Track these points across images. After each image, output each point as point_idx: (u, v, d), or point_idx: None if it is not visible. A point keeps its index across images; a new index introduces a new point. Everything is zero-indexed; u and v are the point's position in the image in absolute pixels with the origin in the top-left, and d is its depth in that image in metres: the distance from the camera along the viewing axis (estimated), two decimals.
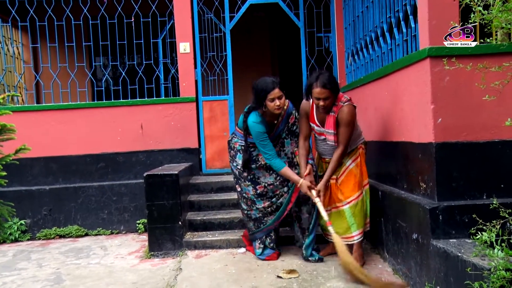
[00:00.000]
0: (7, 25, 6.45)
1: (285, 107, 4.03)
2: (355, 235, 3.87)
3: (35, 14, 6.01)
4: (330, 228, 3.72)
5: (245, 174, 4.16)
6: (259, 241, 4.26)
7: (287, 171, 3.95)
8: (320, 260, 4.07)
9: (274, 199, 4.14)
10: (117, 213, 5.76)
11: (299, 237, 4.25)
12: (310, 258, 4.08)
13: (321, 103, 3.70)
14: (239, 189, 4.29)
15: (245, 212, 4.30)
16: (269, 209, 4.16)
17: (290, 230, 4.58)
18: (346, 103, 3.75)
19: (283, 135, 4.12)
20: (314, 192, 3.83)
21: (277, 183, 4.11)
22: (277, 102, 3.82)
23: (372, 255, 4.19)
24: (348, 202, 3.84)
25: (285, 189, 4.11)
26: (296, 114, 4.12)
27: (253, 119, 3.95)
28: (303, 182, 3.88)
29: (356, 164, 3.88)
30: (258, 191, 4.16)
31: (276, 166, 3.96)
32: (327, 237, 4.09)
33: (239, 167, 4.18)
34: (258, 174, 4.15)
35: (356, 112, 3.86)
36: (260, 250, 4.25)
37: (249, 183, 4.17)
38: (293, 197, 4.09)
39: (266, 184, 4.13)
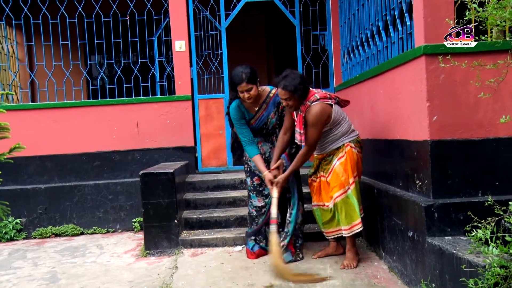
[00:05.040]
0: (1, 23, 6.44)
1: (272, 94, 4.12)
2: (341, 229, 3.83)
3: (29, 12, 5.98)
4: (272, 227, 3.76)
5: (246, 166, 4.30)
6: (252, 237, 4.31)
7: (257, 159, 4.05)
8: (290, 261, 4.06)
9: (267, 200, 4.16)
10: (113, 212, 5.75)
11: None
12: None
13: (284, 103, 3.76)
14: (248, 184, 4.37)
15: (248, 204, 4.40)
16: (263, 210, 4.22)
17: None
18: (315, 103, 3.67)
19: (272, 125, 4.16)
20: (274, 189, 3.88)
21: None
22: (246, 95, 3.93)
23: (368, 252, 4.20)
24: (332, 201, 3.83)
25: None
26: None
27: (232, 105, 4.13)
28: (266, 174, 3.95)
29: (340, 162, 3.80)
30: (255, 183, 4.23)
31: (249, 152, 4.10)
32: (327, 235, 4.06)
33: (244, 159, 4.32)
34: (255, 167, 4.19)
35: (337, 109, 3.79)
36: (251, 244, 4.28)
37: (248, 174, 4.29)
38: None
39: (262, 177, 4.14)
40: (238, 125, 4.12)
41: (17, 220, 5.64)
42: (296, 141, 3.86)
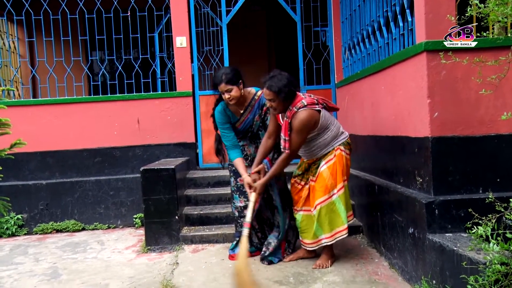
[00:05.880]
0: (3, 19, 6.43)
1: (257, 97, 4.05)
2: (322, 239, 3.72)
3: (30, 8, 5.98)
4: (245, 230, 3.59)
5: (230, 166, 4.23)
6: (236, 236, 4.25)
7: (238, 163, 3.98)
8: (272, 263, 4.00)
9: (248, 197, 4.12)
10: (114, 208, 5.75)
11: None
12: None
13: (268, 104, 3.67)
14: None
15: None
16: (244, 211, 4.08)
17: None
18: (302, 109, 3.55)
19: (257, 127, 4.11)
20: (252, 194, 3.75)
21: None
22: (226, 96, 3.87)
23: (369, 249, 4.20)
24: (315, 207, 3.71)
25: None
26: None
27: (217, 109, 4.08)
28: (245, 177, 3.86)
29: (328, 166, 3.68)
30: (239, 184, 4.17)
31: (230, 156, 4.06)
32: (306, 245, 3.88)
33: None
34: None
35: (325, 114, 3.67)
36: (233, 245, 4.23)
37: (232, 174, 4.22)
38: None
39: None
40: (222, 129, 4.07)
41: (19, 216, 5.65)
42: (281, 148, 3.72)
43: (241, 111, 4.05)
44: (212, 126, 5.88)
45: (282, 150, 3.72)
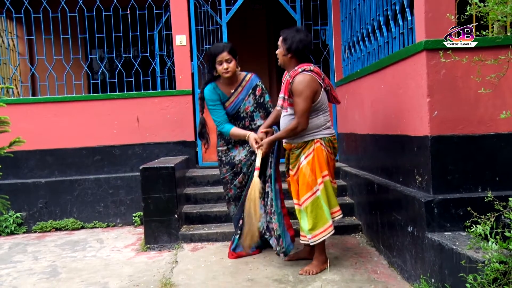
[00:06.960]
0: (2, 16, 6.43)
1: (247, 78, 4.11)
2: (310, 238, 3.60)
3: (30, 5, 5.97)
4: (255, 172, 3.71)
5: (224, 158, 4.21)
6: (237, 233, 4.22)
7: (235, 130, 4.01)
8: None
9: (245, 170, 4.12)
10: (113, 206, 5.75)
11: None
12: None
13: (277, 51, 3.71)
14: (221, 177, 4.27)
15: (227, 197, 4.29)
16: (243, 182, 4.13)
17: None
18: (304, 72, 3.46)
19: (251, 109, 4.10)
20: (259, 150, 3.78)
21: (249, 154, 4.09)
22: (225, 65, 3.92)
23: (368, 248, 4.20)
24: (300, 204, 3.63)
25: (253, 157, 4.05)
26: (263, 86, 4.15)
27: (207, 87, 4.11)
28: (251, 135, 3.86)
29: (307, 161, 3.55)
30: (234, 170, 4.16)
31: (225, 130, 4.06)
32: (302, 239, 3.73)
33: (219, 149, 4.26)
34: (234, 153, 4.15)
35: (324, 96, 3.59)
36: (234, 245, 4.20)
37: (228, 166, 4.18)
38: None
39: (240, 161, 4.12)
40: (213, 106, 4.08)
41: (18, 214, 5.65)
42: (279, 105, 3.65)
43: (232, 91, 4.09)
44: (211, 125, 5.84)
45: (279, 107, 3.66)
